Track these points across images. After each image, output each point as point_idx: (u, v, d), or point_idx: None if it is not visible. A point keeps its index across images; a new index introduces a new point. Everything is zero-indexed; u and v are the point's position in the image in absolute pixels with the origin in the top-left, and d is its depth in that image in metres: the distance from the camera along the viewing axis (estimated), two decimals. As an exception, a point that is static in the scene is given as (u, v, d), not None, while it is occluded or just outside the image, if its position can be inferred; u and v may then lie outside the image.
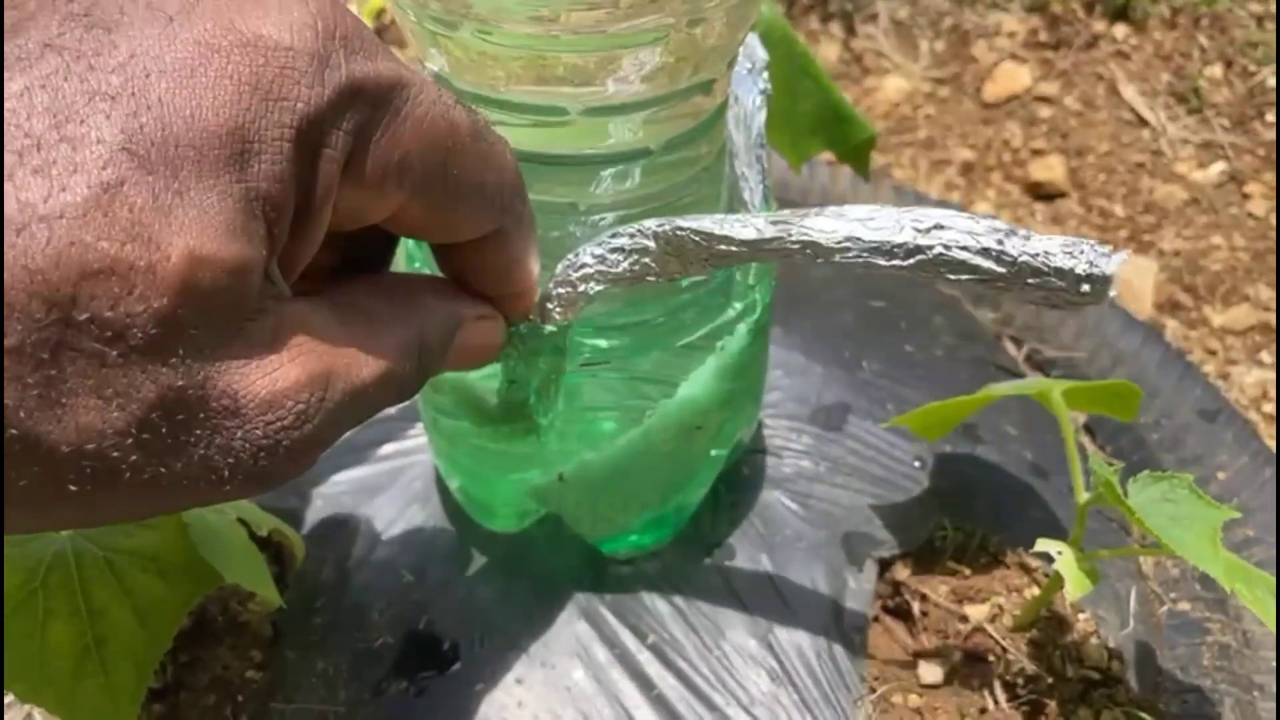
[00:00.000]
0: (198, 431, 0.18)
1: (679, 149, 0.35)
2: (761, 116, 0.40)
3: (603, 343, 0.38)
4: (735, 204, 0.40)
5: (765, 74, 0.41)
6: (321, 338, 0.21)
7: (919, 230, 0.28)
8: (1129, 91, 0.89)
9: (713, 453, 0.43)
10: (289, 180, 0.19)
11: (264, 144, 0.18)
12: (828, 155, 0.69)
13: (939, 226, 0.28)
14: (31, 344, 0.16)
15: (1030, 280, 0.28)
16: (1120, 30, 0.93)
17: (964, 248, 0.28)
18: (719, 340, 0.39)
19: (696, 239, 0.29)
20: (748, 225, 0.29)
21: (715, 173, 0.39)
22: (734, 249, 0.29)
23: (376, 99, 0.20)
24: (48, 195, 0.16)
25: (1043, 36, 0.94)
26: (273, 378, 0.19)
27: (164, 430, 0.18)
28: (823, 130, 0.54)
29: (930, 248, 0.28)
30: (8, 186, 0.16)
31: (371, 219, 0.22)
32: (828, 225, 0.29)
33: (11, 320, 0.15)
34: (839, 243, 0.28)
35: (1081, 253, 0.27)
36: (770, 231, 0.29)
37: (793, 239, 0.29)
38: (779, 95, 0.47)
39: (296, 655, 0.44)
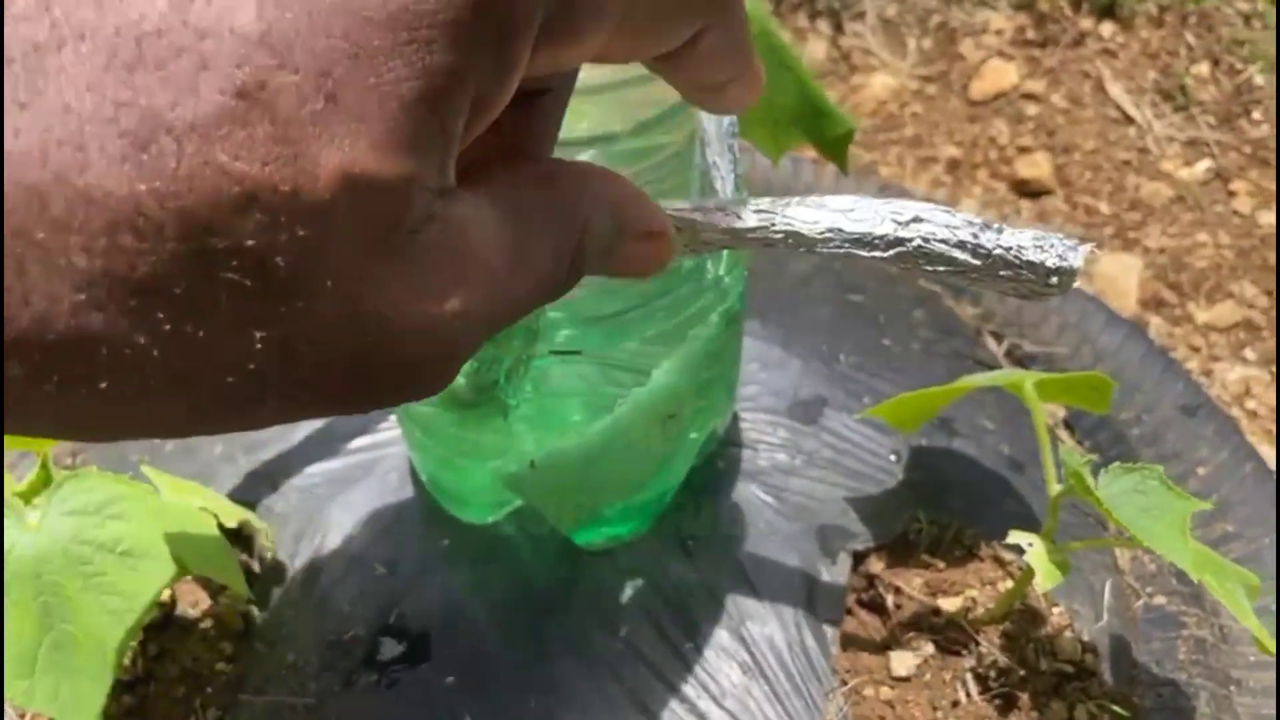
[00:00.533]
0: (341, 358, 0.16)
1: (647, 134, 0.35)
2: (733, 106, 0.40)
3: (575, 332, 0.38)
4: (706, 192, 0.39)
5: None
6: (482, 247, 0.18)
7: (898, 223, 0.28)
8: (1115, 89, 0.89)
9: (692, 436, 0.43)
10: (468, 70, 0.15)
11: (435, 28, 0.15)
12: (812, 153, 0.69)
13: (918, 219, 0.29)
14: (164, 276, 0.14)
15: (1003, 272, 0.29)
16: (1107, 28, 0.93)
17: (941, 240, 0.29)
18: (691, 329, 0.39)
19: (678, 225, 0.29)
20: (730, 213, 0.29)
21: (685, 160, 0.39)
22: (716, 236, 0.29)
23: None
24: (174, 101, 0.13)
25: (1030, 34, 0.94)
26: (428, 303, 0.17)
27: (306, 358, 0.16)
28: (801, 123, 0.54)
29: (910, 240, 0.28)
30: (128, 83, 0.13)
31: (561, 71, 0.19)
32: (809, 216, 0.29)
33: (143, 252, 0.13)
34: (821, 233, 0.29)
35: (1051, 246, 0.28)
36: (753, 220, 0.29)
37: (775, 229, 0.29)
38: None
39: (267, 648, 0.43)
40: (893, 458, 0.49)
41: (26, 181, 0.13)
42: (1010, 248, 0.29)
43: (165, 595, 0.45)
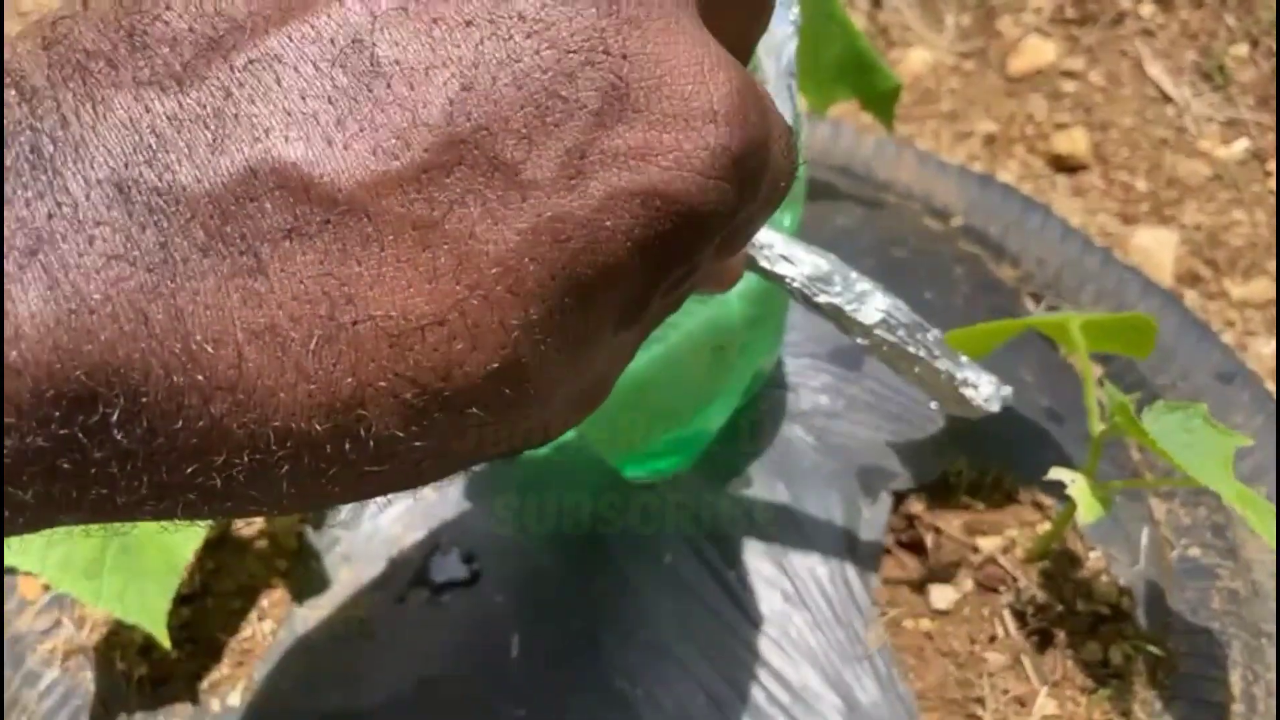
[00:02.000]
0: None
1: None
2: (791, 46, 0.41)
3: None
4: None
5: (795, 6, 0.42)
6: (626, 346, 0.21)
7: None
8: (1154, 68, 0.89)
9: (732, 383, 0.44)
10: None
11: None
12: (855, 118, 0.70)
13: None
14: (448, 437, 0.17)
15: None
16: (1147, 8, 0.93)
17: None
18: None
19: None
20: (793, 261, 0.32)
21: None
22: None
23: (755, 211, 0.19)
24: (446, 377, 0.15)
25: (1069, 13, 0.94)
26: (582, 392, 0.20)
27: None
28: (847, 77, 0.55)
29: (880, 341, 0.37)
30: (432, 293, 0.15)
31: None
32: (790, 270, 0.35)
33: (423, 431, 0.16)
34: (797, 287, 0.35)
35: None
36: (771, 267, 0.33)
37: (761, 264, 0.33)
38: (804, 41, 0.48)
39: (320, 565, 0.45)
40: (934, 405, 0.50)
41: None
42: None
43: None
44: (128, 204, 0.13)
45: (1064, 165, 0.84)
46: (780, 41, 0.41)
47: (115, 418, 0.13)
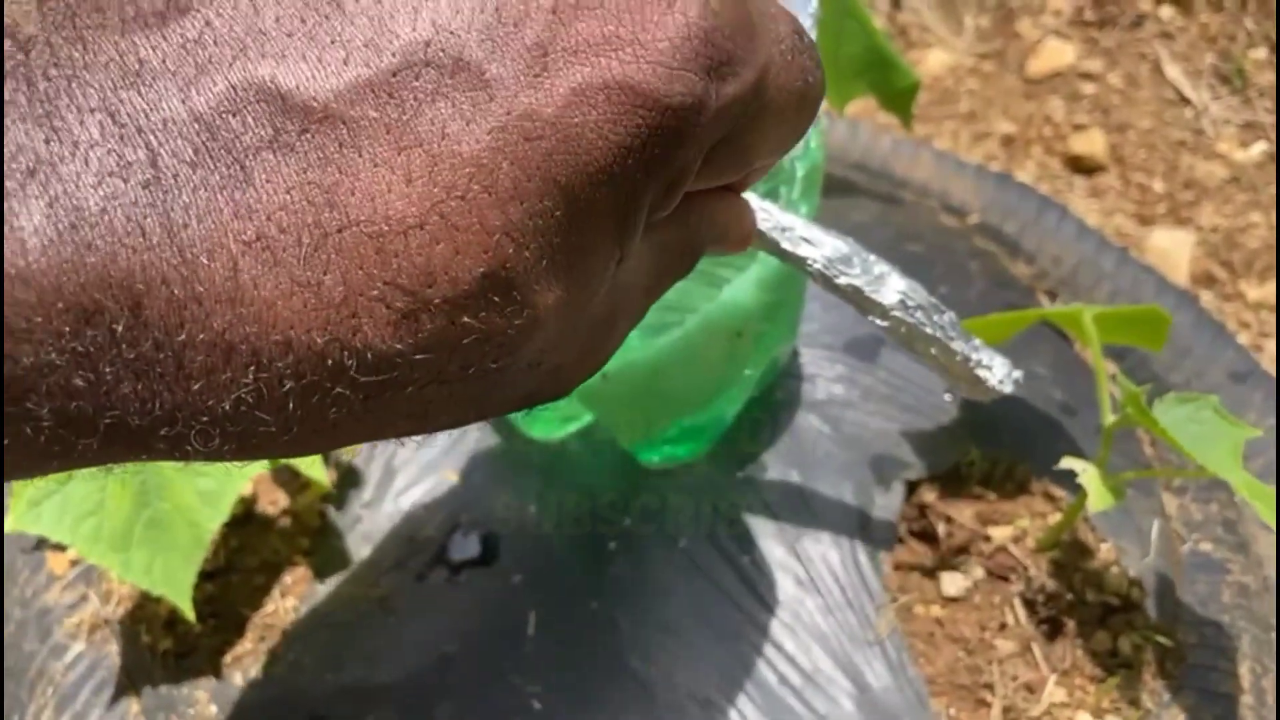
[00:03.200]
0: (520, 398, 0.19)
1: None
2: (812, 37, 0.42)
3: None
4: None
5: (815, 2, 0.43)
6: (633, 285, 0.21)
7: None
8: (1173, 71, 0.90)
9: (747, 372, 0.45)
10: (640, 217, 0.18)
11: (628, 201, 0.17)
12: (872, 118, 0.71)
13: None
14: (414, 381, 0.17)
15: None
16: (1166, 11, 0.94)
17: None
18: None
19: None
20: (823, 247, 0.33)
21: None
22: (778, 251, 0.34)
23: (739, 110, 0.18)
24: (432, 283, 0.16)
25: (1088, 15, 0.94)
26: (598, 347, 0.20)
27: (494, 405, 0.19)
28: (867, 74, 0.56)
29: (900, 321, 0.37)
30: (386, 270, 0.15)
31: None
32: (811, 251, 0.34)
33: (399, 383, 0.16)
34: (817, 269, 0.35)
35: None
36: (769, 227, 0.33)
37: (783, 246, 0.33)
38: (824, 38, 0.49)
39: (342, 543, 0.45)
40: (947, 396, 0.51)
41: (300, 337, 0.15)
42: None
43: (247, 491, 0.47)
44: (119, 127, 0.14)
45: (1081, 166, 0.84)
46: (800, 34, 0.42)
47: (120, 331, 0.14)
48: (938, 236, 0.60)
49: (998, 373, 0.39)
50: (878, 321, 0.36)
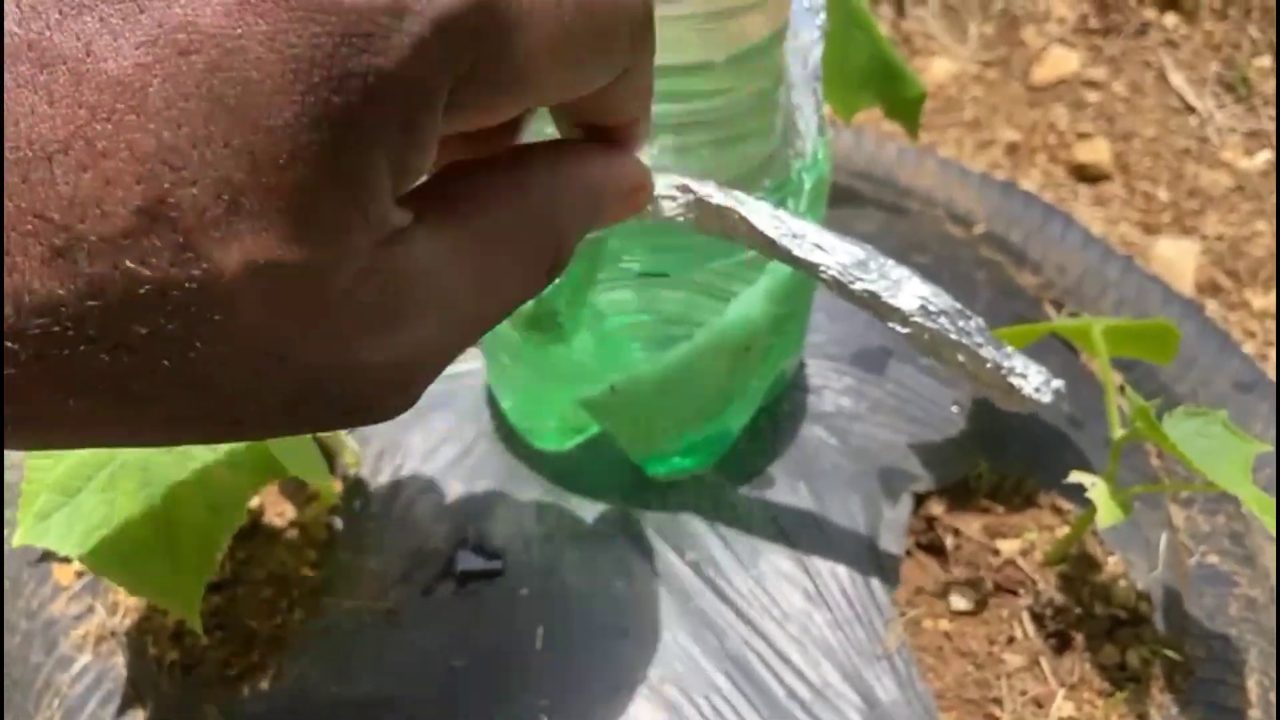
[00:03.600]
0: (279, 399, 0.18)
1: (739, 66, 0.36)
2: (818, 51, 0.42)
3: (657, 256, 0.39)
4: (790, 131, 0.41)
5: (823, 13, 0.43)
6: (440, 282, 0.18)
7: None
8: (1177, 79, 0.90)
9: (754, 384, 0.45)
10: (374, 157, 0.16)
11: (333, 128, 0.15)
12: (876, 125, 0.71)
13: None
14: (90, 356, 0.15)
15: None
16: (1170, 19, 0.94)
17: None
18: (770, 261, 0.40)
19: (743, 229, 0.32)
20: (804, 246, 0.33)
21: (771, 100, 0.40)
22: (765, 248, 0.33)
23: (475, 30, 0.16)
24: (83, 216, 0.14)
25: (1092, 23, 0.94)
26: (370, 345, 0.18)
27: (241, 404, 0.17)
28: (873, 84, 0.56)
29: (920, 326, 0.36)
30: (44, 198, 0.14)
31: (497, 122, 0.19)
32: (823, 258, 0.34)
33: (69, 340, 0.15)
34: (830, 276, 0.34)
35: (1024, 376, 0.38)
36: (774, 233, 0.33)
37: (797, 252, 0.32)
38: (831, 48, 0.49)
39: (350, 556, 0.45)
40: (955, 409, 0.51)
41: None
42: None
43: (254, 503, 0.47)
44: None
45: (1086, 175, 0.84)
46: (807, 46, 0.42)
47: None
48: (943, 246, 0.60)
49: (1033, 380, 0.37)
50: (899, 329, 0.35)
